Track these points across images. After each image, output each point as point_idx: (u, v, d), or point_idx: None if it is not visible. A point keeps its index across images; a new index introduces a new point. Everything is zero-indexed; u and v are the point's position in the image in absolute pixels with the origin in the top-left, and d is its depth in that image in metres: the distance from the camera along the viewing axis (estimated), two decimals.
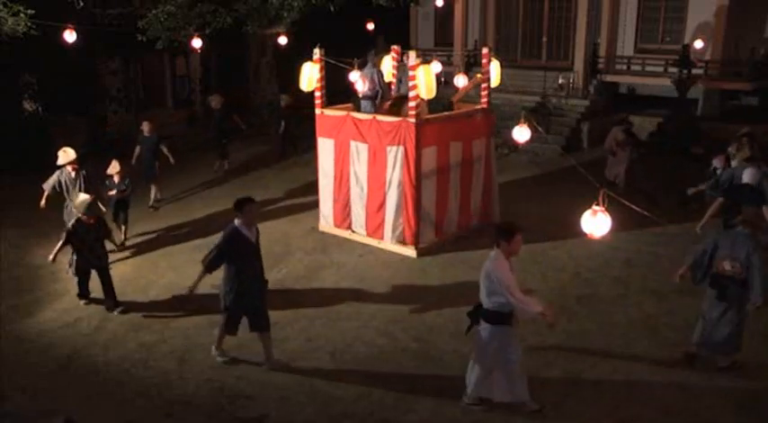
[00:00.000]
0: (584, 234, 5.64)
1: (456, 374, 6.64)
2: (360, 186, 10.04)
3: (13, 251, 10.03)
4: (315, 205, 10.99)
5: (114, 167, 10.20)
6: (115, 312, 8.09)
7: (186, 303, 8.23)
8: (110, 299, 8.24)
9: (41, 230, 10.74)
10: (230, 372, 6.79)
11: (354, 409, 6.14)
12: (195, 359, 7.04)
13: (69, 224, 8.29)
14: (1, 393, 6.31)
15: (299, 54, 11.43)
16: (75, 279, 8.39)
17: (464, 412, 6.07)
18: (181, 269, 9.39)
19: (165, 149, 12.31)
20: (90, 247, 8.15)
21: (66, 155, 9.58)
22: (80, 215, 8.13)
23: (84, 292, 8.44)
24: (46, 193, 9.63)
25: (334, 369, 6.83)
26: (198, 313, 8.07)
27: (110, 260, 9.59)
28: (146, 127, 12.32)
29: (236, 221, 6.51)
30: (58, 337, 7.55)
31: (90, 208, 8.15)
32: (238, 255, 6.51)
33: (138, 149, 12.30)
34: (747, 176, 8.21)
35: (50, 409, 6.03)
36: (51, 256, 8.26)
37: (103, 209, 9.52)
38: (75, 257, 8.20)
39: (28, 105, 17.02)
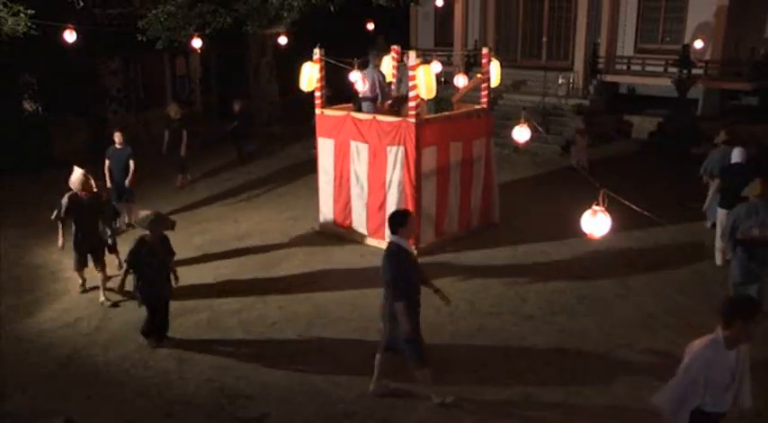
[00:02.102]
0: (585, 234, 5.65)
1: (456, 375, 6.65)
2: (360, 186, 10.04)
3: (13, 251, 10.02)
4: (315, 205, 10.98)
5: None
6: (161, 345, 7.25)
7: (185, 303, 8.25)
8: (163, 331, 7.37)
9: (41, 230, 10.74)
10: (230, 372, 6.79)
11: (354, 409, 6.14)
12: (195, 359, 7.03)
13: (130, 247, 6.99)
14: (1, 393, 6.31)
15: (299, 54, 11.43)
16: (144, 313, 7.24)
17: (465, 412, 6.07)
18: (179, 269, 9.37)
19: (131, 163, 10.59)
20: (158, 270, 7.04)
21: (87, 183, 8.25)
22: (143, 234, 7.02)
23: (151, 329, 7.24)
24: (62, 229, 8.36)
25: (334, 369, 6.83)
26: (198, 313, 8.07)
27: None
28: (117, 138, 10.62)
29: (394, 237, 5.79)
30: (57, 337, 7.55)
31: (154, 223, 6.96)
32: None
33: (107, 163, 10.60)
34: (736, 156, 8.91)
35: (50, 409, 6.03)
36: (118, 287, 7.26)
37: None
38: (140, 285, 7.05)
39: (28, 105, 17.02)
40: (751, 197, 7.22)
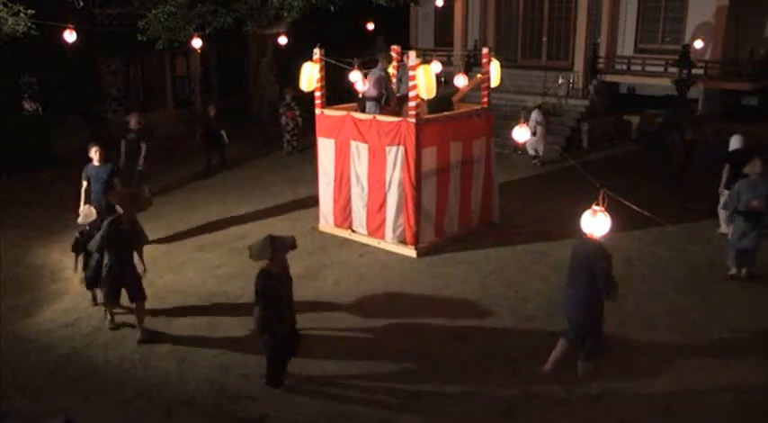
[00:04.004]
0: (585, 234, 5.65)
1: (455, 374, 6.65)
2: (360, 186, 10.03)
3: (13, 251, 10.01)
4: (315, 205, 10.98)
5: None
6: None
7: (185, 303, 8.25)
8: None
9: (41, 230, 10.76)
10: (230, 372, 6.78)
11: (354, 409, 6.14)
12: (195, 359, 7.03)
13: (256, 284, 6.02)
14: (1, 393, 6.31)
15: (299, 54, 11.43)
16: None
17: (465, 412, 6.07)
18: (180, 269, 9.39)
19: (116, 182, 9.49)
20: (288, 303, 6.20)
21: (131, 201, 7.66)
22: (264, 265, 6.07)
23: (280, 374, 6.39)
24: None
25: (335, 369, 6.83)
26: (198, 313, 8.07)
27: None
28: (95, 154, 9.33)
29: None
30: (57, 337, 7.54)
31: (277, 247, 6.01)
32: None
33: (84, 183, 9.38)
34: (735, 143, 9.92)
35: (50, 409, 6.03)
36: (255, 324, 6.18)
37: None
38: (273, 323, 6.09)
39: (28, 105, 17.04)
40: (752, 174, 8.36)
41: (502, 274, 9.09)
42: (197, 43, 15.19)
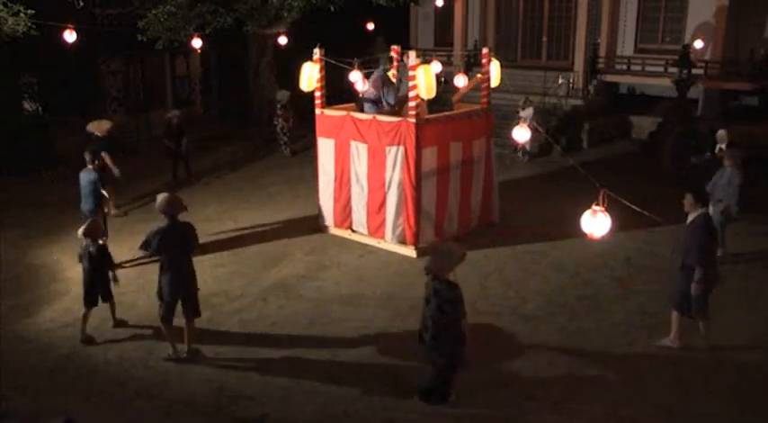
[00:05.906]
0: (585, 234, 5.65)
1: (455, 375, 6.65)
2: (360, 186, 10.03)
3: (13, 251, 10.01)
4: (314, 205, 10.98)
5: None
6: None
7: None
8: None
9: (41, 230, 10.76)
10: (230, 372, 6.79)
11: (355, 409, 6.14)
12: (195, 359, 7.02)
13: (451, 296, 6.04)
14: (1, 393, 6.31)
15: (299, 54, 11.43)
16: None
17: (465, 413, 6.07)
18: None
19: (104, 193, 9.55)
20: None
21: (177, 203, 7.04)
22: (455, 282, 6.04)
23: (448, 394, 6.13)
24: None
25: (335, 369, 6.83)
26: None
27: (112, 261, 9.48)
28: (90, 159, 9.35)
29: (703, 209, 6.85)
30: (57, 337, 7.54)
31: (454, 258, 6.14)
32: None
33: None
34: (722, 139, 11.00)
35: (50, 409, 6.03)
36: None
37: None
38: (451, 343, 5.85)
39: (28, 105, 17.03)
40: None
41: (502, 274, 9.09)
42: (197, 43, 15.20)
